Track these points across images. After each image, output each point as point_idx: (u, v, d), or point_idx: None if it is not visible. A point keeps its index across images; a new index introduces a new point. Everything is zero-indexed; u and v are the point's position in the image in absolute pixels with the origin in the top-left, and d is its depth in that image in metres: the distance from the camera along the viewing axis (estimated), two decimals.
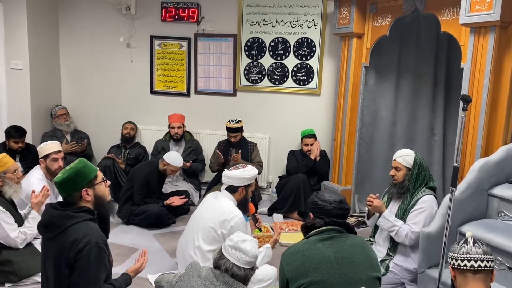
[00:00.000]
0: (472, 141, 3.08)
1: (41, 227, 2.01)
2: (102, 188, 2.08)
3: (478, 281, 1.68)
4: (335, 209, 2.05)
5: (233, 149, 4.78)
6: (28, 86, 4.96)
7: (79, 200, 2.01)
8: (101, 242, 1.95)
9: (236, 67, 5.11)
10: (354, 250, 1.98)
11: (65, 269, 1.90)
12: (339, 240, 2.00)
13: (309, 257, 1.93)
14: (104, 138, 5.36)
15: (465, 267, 1.69)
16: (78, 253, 1.88)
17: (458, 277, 1.73)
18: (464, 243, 1.74)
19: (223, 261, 1.97)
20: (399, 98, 4.46)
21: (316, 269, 1.91)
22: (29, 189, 3.19)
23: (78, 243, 1.88)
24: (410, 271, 2.96)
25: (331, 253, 1.94)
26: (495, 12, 2.80)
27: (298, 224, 4.24)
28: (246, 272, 1.98)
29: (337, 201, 2.07)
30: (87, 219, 1.98)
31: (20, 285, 2.96)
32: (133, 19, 5.25)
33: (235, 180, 2.90)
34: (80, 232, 1.91)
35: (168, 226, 4.17)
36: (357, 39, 4.21)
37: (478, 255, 1.68)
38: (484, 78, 2.97)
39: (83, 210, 1.99)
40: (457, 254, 1.72)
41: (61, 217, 1.95)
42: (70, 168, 2.01)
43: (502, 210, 2.86)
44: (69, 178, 1.97)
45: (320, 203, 2.07)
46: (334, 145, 4.54)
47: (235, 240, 2.00)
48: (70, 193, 1.99)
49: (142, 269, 2.30)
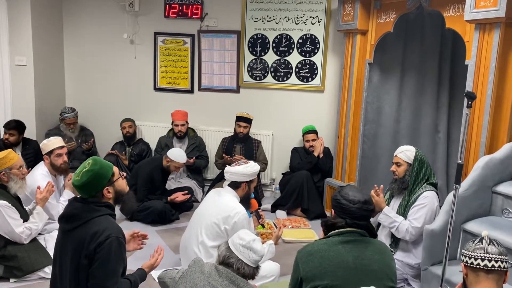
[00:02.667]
0: (477, 138, 3.07)
1: (62, 218, 2.04)
2: (120, 182, 2.13)
3: (491, 281, 1.65)
4: (358, 211, 1.93)
5: (237, 145, 4.78)
6: (32, 83, 4.97)
7: (101, 198, 2.06)
8: (121, 236, 2.00)
9: (240, 64, 5.11)
10: (374, 258, 1.90)
11: (84, 260, 1.93)
12: (360, 245, 1.91)
13: (327, 259, 1.86)
14: (108, 134, 5.38)
15: (478, 266, 1.66)
16: (99, 245, 1.92)
17: (470, 275, 1.70)
18: (480, 241, 1.70)
19: (234, 260, 1.98)
20: (403, 95, 4.44)
21: (333, 273, 1.84)
22: (34, 185, 3.21)
23: (99, 236, 1.92)
24: (412, 266, 2.97)
25: (350, 258, 1.87)
26: (500, 9, 2.78)
27: (301, 220, 4.25)
28: (254, 271, 2.02)
29: (361, 201, 1.94)
30: (108, 214, 2.04)
31: (24, 280, 2.99)
32: (136, 16, 5.25)
33: (238, 176, 2.91)
34: (101, 225, 1.96)
35: (171, 222, 4.18)
36: (361, 35, 4.19)
37: (493, 255, 1.65)
38: (489, 75, 2.96)
39: (105, 205, 2.05)
40: (471, 252, 1.69)
41: (84, 210, 2.00)
42: (88, 170, 2.00)
43: (506, 208, 2.85)
44: (89, 181, 1.99)
45: (343, 202, 1.95)
46: (337, 142, 4.53)
47: (247, 239, 2.00)
48: (92, 194, 2.03)
49: (157, 265, 2.34)
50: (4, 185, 2.95)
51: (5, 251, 2.93)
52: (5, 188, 2.95)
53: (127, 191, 2.17)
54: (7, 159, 2.93)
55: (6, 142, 4.42)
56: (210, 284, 1.96)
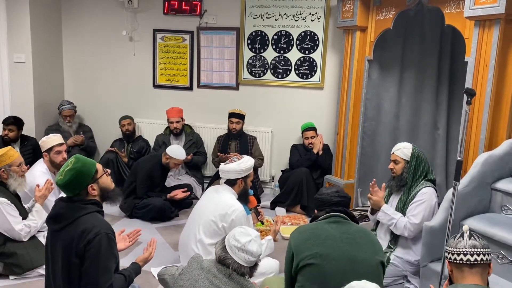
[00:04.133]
0: (476, 135, 3.07)
1: (50, 219, 2.03)
2: (105, 179, 2.11)
3: (475, 275, 1.66)
4: (331, 197, 2.19)
5: (232, 142, 4.79)
6: (31, 80, 4.96)
7: (86, 196, 2.04)
8: (110, 232, 1.99)
9: (239, 61, 5.10)
10: (358, 234, 2.08)
11: (75, 259, 1.93)
12: (344, 225, 2.12)
13: (316, 235, 2.06)
14: (107, 131, 5.38)
15: (461, 261, 1.67)
16: (88, 243, 1.91)
17: (455, 271, 1.71)
18: (461, 236, 1.72)
19: (230, 261, 1.98)
20: (402, 91, 4.44)
21: (321, 244, 2.01)
22: (33, 183, 3.20)
23: (88, 234, 1.92)
24: (412, 263, 2.97)
25: (337, 234, 2.05)
26: (500, 5, 2.77)
27: (301, 217, 4.25)
28: (251, 270, 2.02)
29: (334, 190, 2.23)
30: (95, 211, 2.03)
31: (24, 277, 2.99)
32: (135, 13, 5.23)
33: (232, 173, 2.90)
34: (89, 223, 1.95)
35: (171, 219, 4.19)
36: (360, 32, 4.19)
37: (474, 249, 1.66)
38: (489, 72, 2.95)
39: (92, 203, 2.04)
40: (453, 248, 1.70)
41: (70, 209, 1.99)
42: (70, 169, 1.99)
43: (506, 204, 2.86)
44: (72, 179, 1.98)
45: (319, 197, 2.24)
46: (337, 139, 4.53)
47: (242, 241, 1.98)
48: (76, 192, 2.02)
49: (151, 258, 2.34)
50: (4, 182, 2.94)
51: (4, 248, 2.93)
52: (4, 185, 2.94)
53: (113, 188, 2.16)
54: (6, 156, 2.93)
55: (5, 138, 4.43)
56: (210, 281, 1.96)
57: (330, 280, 1.93)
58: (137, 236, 2.46)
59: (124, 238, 2.42)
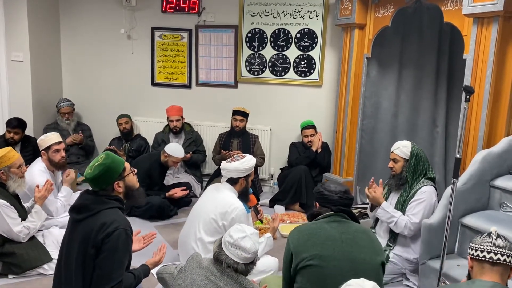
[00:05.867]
0: (474, 132, 3.07)
1: (74, 209, 2.09)
2: (131, 178, 2.19)
3: (495, 273, 1.68)
4: (341, 199, 2.13)
5: (234, 140, 4.78)
6: (29, 78, 4.95)
7: (111, 192, 2.11)
8: (128, 229, 2.04)
9: (237, 59, 5.09)
10: (358, 235, 2.05)
11: (91, 249, 1.97)
12: (344, 224, 2.08)
13: (315, 235, 2.02)
14: (106, 130, 5.37)
15: (484, 258, 1.69)
16: (107, 236, 1.96)
17: (476, 267, 1.73)
18: (487, 235, 1.74)
19: (224, 257, 1.99)
20: (401, 89, 4.44)
21: (321, 245, 1.98)
22: (32, 181, 3.20)
23: (108, 227, 1.97)
24: (411, 261, 2.98)
25: (336, 234, 2.02)
26: (498, 2, 2.77)
27: (300, 215, 4.25)
28: (247, 268, 2.01)
29: (342, 191, 2.16)
30: (117, 207, 2.09)
31: (23, 276, 2.98)
32: (133, 11, 5.22)
33: (234, 172, 2.90)
34: (110, 217, 2.01)
35: (170, 218, 4.18)
36: (359, 30, 4.18)
37: (499, 249, 1.68)
38: (487, 69, 2.95)
39: (115, 199, 2.11)
40: (478, 245, 1.72)
41: (94, 201, 2.06)
42: (99, 164, 2.07)
43: (504, 202, 2.86)
44: (100, 174, 2.06)
45: (326, 194, 2.15)
46: (335, 137, 4.53)
47: (234, 237, 1.99)
48: (103, 187, 2.09)
49: (161, 262, 2.40)
50: (3, 184, 2.93)
51: (3, 248, 2.93)
52: (4, 187, 2.93)
53: (138, 187, 2.23)
54: (6, 158, 2.91)
55: (10, 141, 4.42)
56: (208, 279, 1.96)
57: (330, 281, 1.92)
58: (152, 238, 2.51)
59: (139, 239, 2.47)
